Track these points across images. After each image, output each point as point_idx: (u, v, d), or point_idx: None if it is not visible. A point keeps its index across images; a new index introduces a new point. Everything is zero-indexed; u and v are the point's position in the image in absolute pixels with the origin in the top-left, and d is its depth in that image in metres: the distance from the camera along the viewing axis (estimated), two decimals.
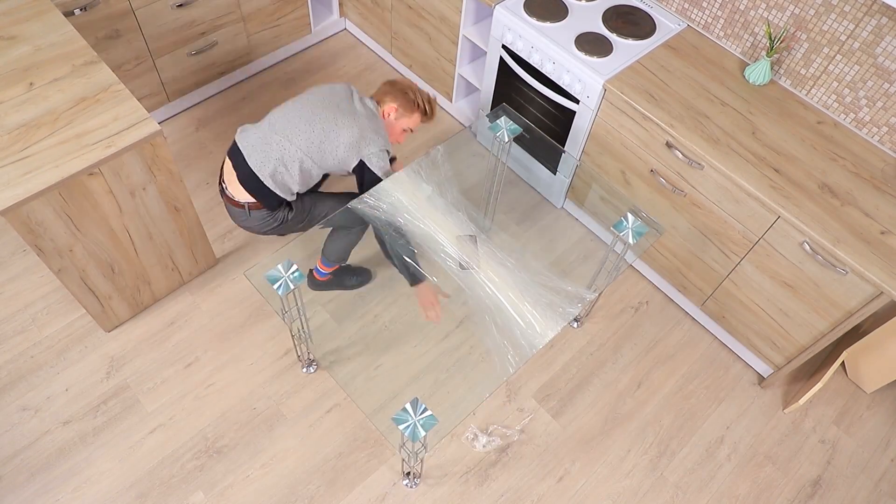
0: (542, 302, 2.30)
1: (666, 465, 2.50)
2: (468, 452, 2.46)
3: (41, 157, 2.00)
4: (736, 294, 2.55)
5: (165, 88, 3.15)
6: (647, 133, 2.45)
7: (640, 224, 2.16)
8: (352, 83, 3.54)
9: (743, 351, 2.75)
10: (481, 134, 3.34)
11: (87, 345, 2.59)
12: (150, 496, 2.29)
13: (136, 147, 2.09)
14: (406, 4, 3.17)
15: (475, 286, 2.38)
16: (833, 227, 2.12)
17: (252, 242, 2.92)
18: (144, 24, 2.84)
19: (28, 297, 2.68)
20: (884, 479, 2.54)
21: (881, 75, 2.22)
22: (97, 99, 2.14)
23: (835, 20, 2.24)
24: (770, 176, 2.23)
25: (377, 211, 2.30)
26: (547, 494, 2.40)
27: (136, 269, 2.49)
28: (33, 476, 2.30)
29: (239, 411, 2.48)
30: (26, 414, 2.42)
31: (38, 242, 2.09)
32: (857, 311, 2.18)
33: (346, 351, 2.52)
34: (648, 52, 2.56)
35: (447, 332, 2.66)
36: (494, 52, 2.85)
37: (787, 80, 2.48)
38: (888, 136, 2.31)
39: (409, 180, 2.43)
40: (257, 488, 2.33)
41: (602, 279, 2.40)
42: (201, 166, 3.14)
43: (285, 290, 1.92)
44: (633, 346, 2.78)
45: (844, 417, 2.67)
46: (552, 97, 2.70)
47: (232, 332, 2.67)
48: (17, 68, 2.18)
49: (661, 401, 2.65)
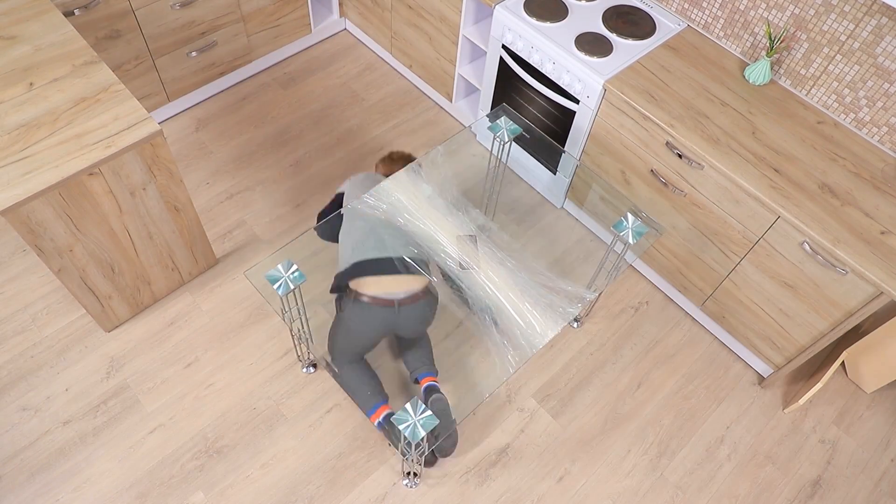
0: (542, 302, 2.30)
1: (666, 465, 2.50)
2: (468, 452, 2.46)
3: (41, 157, 2.00)
4: (736, 294, 2.55)
5: (165, 88, 3.15)
6: (646, 133, 2.45)
7: (639, 224, 2.16)
8: (349, 84, 3.54)
9: (743, 351, 2.75)
10: (481, 134, 3.34)
11: (87, 345, 2.59)
12: (150, 496, 2.29)
13: (136, 147, 2.09)
14: (406, 4, 3.17)
15: (475, 286, 2.38)
16: (833, 227, 2.12)
17: (252, 242, 2.92)
18: (144, 24, 2.84)
19: (28, 297, 2.68)
20: (884, 479, 2.54)
21: (881, 75, 2.22)
22: (97, 99, 2.14)
23: (835, 20, 2.24)
24: (770, 176, 2.23)
25: (377, 211, 2.30)
26: (547, 494, 2.40)
27: (136, 269, 2.49)
28: (33, 476, 2.30)
29: (239, 411, 2.48)
30: (26, 414, 2.42)
31: (38, 242, 2.09)
32: (857, 311, 2.18)
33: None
34: (648, 52, 2.56)
35: (447, 332, 2.66)
36: (494, 52, 2.85)
37: (787, 80, 2.48)
38: (888, 136, 2.31)
39: (408, 180, 2.43)
40: (257, 488, 2.33)
41: (602, 279, 2.40)
42: (201, 166, 3.14)
43: (285, 291, 1.92)
44: (633, 347, 2.78)
45: (844, 417, 2.67)
46: (552, 97, 2.70)
47: (232, 332, 2.67)
48: (17, 68, 2.18)
49: (661, 401, 2.65)
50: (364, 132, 3.36)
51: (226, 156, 3.19)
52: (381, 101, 3.50)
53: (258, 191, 3.09)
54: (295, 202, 3.06)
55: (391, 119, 3.43)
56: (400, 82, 3.59)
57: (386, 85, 3.58)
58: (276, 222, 2.99)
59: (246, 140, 3.26)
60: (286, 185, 3.11)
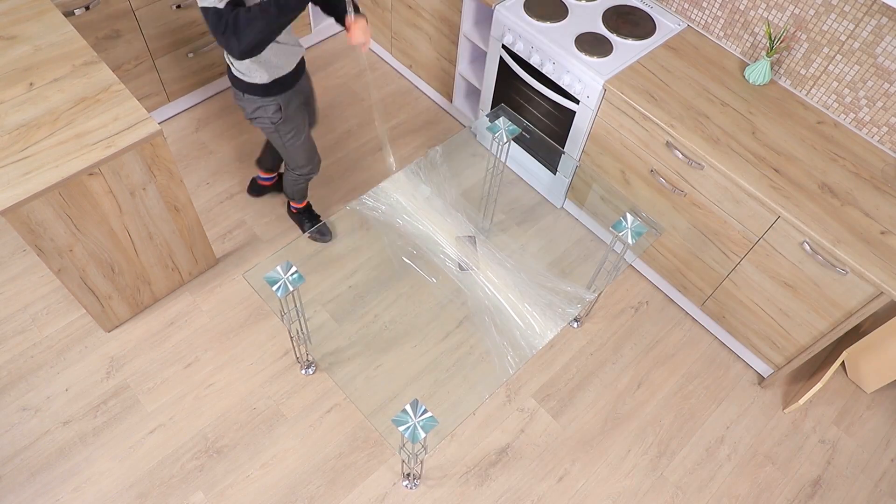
0: (542, 302, 2.30)
1: (666, 465, 2.50)
2: (468, 453, 2.46)
3: (41, 157, 2.00)
4: (736, 294, 2.55)
5: (165, 88, 3.15)
6: (646, 133, 2.45)
7: (639, 224, 2.16)
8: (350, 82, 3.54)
9: (743, 351, 2.75)
10: (481, 134, 3.34)
11: (87, 345, 2.59)
12: (150, 496, 2.29)
13: (136, 147, 2.09)
14: (406, 4, 3.17)
15: (474, 287, 2.38)
16: (833, 227, 2.12)
17: (252, 242, 2.92)
18: (144, 24, 2.84)
19: (28, 297, 2.68)
20: (884, 479, 2.54)
21: (881, 75, 2.22)
22: (97, 99, 2.14)
23: (835, 20, 2.24)
24: (770, 176, 2.23)
25: (376, 212, 2.30)
26: (547, 494, 2.40)
27: (136, 269, 2.49)
28: (33, 476, 2.30)
29: (239, 411, 2.49)
30: (26, 414, 2.42)
31: (38, 242, 2.09)
32: (857, 311, 2.17)
33: (345, 351, 2.52)
34: (648, 52, 2.56)
35: (447, 332, 2.66)
36: (494, 53, 2.85)
37: (787, 80, 2.48)
38: (888, 136, 2.31)
39: (407, 181, 2.43)
40: (257, 488, 2.33)
41: (602, 279, 2.40)
42: (201, 166, 3.14)
43: (284, 292, 1.92)
44: (633, 347, 2.77)
45: (844, 417, 2.67)
46: (552, 97, 2.70)
47: (232, 333, 2.67)
48: (17, 68, 2.18)
49: (661, 401, 2.65)
50: (364, 132, 3.36)
51: (226, 156, 3.19)
52: (381, 101, 3.50)
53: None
54: None
55: (391, 119, 3.43)
56: (400, 82, 3.59)
57: (386, 85, 3.58)
58: (276, 222, 2.99)
59: (246, 140, 3.26)
60: None
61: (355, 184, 3.16)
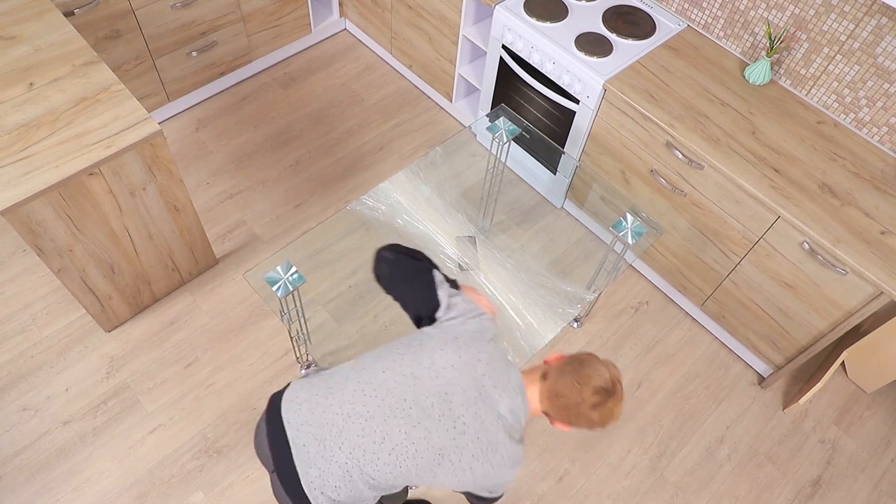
0: (542, 302, 2.30)
1: (666, 465, 2.50)
2: None
3: (41, 158, 2.00)
4: (736, 294, 2.55)
5: (165, 88, 3.15)
6: (647, 133, 2.45)
7: (639, 224, 2.16)
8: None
9: (743, 351, 2.75)
10: (481, 134, 3.34)
11: (87, 345, 2.59)
12: (150, 496, 2.29)
13: (136, 147, 2.09)
14: (406, 4, 3.17)
15: (475, 287, 2.38)
16: (833, 227, 2.12)
17: (252, 242, 2.92)
18: (144, 24, 2.84)
19: (28, 297, 2.68)
20: (884, 479, 2.54)
21: (881, 75, 2.22)
22: (97, 99, 2.14)
23: (835, 20, 2.24)
24: (770, 176, 2.23)
25: (376, 212, 2.30)
26: (547, 494, 2.40)
27: (136, 269, 2.49)
28: (33, 476, 2.30)
29: (239, 411, 2.48)
30: (26, 414, 2.42)
31: (38, 242, 2.09)
32: (857, 311, 2.18)
33: (345, 351, 2.52)
34: (648, 52, 2.56)
35: None
36: (494, 52, 2.85)
37: (787, 80, 2.48)
38: (888, 136, 2.31)
39: (407, 181, 2.43)
40: (257, 488, 2.33)
41: (602, 279, 2.40)
42: (201, 166, 3.14)
43: (284, 292, 1.92)
44: (633, 346, 2.78)
45: (844, 417, 2.67)
46: (552, 97, 2.70)
47: (232, 333, 2.67)
48: (17, 68, 2.18)
49: (661, 401, 2.65)
50: (364, 132, 3.36)
51: (226, 156, 3.19)
52: (381, 101, 3.50)
53: (258, 191, 3.09)
54: (295, 202, 3.06)
55: (391, 119, 3.43)
56: (400, 82, 3.59)
57: (386, 85, 3.58)
58: (275, 222, 2.99)
59: (246, 140, 3.26)
60: (286, 185, 3.11)
61: (355, 184, 3.16)
